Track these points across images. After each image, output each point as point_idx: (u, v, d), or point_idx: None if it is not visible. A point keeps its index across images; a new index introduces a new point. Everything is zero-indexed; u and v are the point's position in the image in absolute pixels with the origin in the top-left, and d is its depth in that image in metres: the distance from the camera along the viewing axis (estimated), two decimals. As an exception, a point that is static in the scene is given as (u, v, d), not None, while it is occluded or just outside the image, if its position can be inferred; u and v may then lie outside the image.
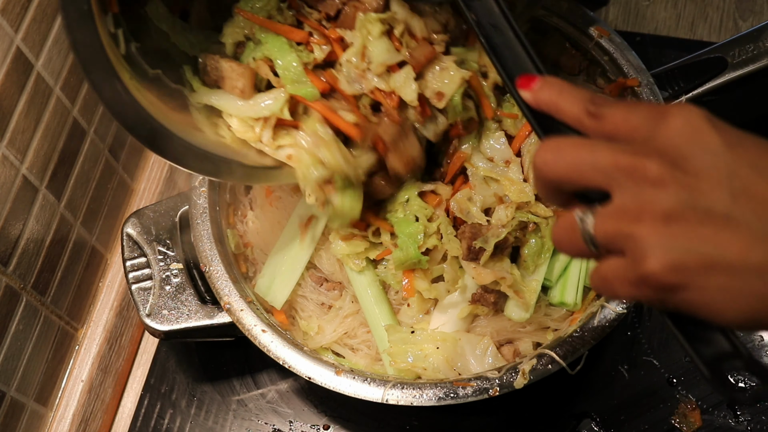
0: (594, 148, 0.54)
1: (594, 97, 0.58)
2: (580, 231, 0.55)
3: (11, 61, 0.81)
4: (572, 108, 0.58)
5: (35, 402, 0.93)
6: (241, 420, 1.01)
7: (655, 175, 0.51)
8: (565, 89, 0.60)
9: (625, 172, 0.52)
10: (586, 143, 0.55)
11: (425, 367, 0.85)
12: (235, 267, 0.93)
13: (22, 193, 0.86)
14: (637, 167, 0.52)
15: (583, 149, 0.54)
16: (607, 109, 0.56)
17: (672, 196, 0.51)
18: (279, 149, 0.84)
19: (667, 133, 0.53)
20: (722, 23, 1.26)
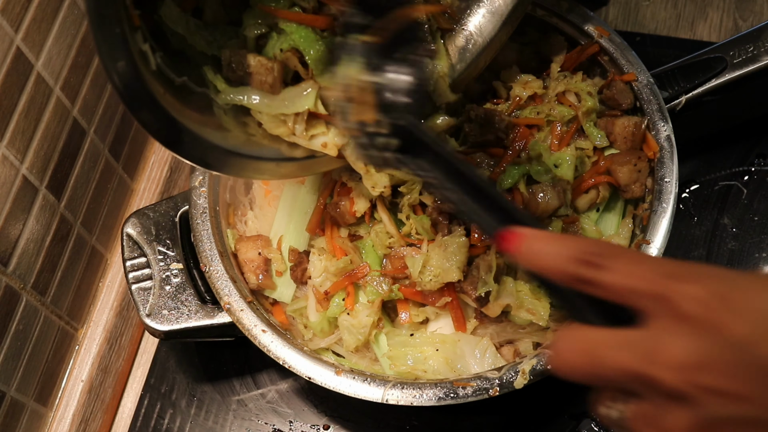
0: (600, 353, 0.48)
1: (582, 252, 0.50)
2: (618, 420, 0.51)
3: (11, 61, 0.81)
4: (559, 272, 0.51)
5: (35, 402, 0.93)
6: (241, 420, 1.01)
7: (674, 392, 0.46)
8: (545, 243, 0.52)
9: (642, 383, 0.47)
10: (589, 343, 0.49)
11: (425, 369, 0.85)
12: (235, 267, 0.93)
13: (22, 193, 0.86)
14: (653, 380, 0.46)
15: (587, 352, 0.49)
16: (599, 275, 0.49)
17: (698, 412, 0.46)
18: (313, 139, 0.83)
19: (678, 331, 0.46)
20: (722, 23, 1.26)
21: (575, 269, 0.50)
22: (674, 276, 0.47)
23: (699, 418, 0.46)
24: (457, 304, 0.88)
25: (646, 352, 0.47)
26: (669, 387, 0.46)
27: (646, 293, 0.48)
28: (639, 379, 0.47)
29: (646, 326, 0.48)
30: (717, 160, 1.11)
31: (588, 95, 0.94)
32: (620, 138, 0.93)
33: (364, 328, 0.87)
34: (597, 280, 0.49)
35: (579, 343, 0.50)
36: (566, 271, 0.50)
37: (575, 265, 0.50)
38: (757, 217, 1.07)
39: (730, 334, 0.45)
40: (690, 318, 0.46)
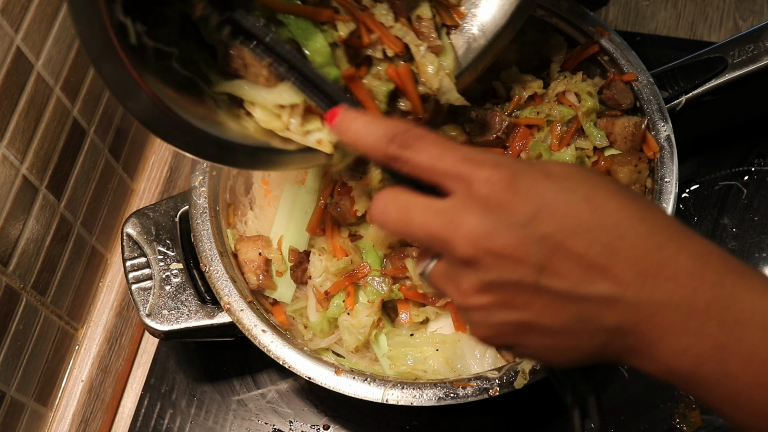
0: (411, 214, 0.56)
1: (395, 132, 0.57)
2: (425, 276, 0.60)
3: (11, 61, 0.81)
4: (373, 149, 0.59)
5: (35, 402, 0.93)
6: (241, 420, 1.01)
7: (462, 255, 0.54)
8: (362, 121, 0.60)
9: (440, 245, 0.56)
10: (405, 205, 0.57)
11: (425, 369, 0.85)
12: (235, 267, 0.93)
13: (22, 193, 0.86)
14: (448, 243, 0.55)
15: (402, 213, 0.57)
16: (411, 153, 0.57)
17: (481, 274, 0.54)
18: (308, 134, 0.82)
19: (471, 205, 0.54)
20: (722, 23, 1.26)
21: (386, 147, 0.57)
22: (473, 161, 0.55)
23: (483, 280, 0.54)
24: (457, 304, 0.88)
25: (446, 221, 0.55)
26: (461, 251, 0.54)
27: (448, 173, 0.55)
28: (440, 243, 0.55)
29: (448, 200, 0.56)
30: (717, 160, 1.11)
31: (588, 95, 0.94)
32: (620, 138, 0.93)
33: (364, 328, 0.87)
34: (405, 157, 0.57)
35: (396, 202, 0.57)
36: (379, 148, 0.58)
37: (387, 144, 0.57)
38: (757, 217, 1.07)
39: (513, 212, 0.53)
40: (482, 197, 0.54)
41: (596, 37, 0.98)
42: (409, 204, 0.57)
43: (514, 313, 0.55)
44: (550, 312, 0.54)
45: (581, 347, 0.55)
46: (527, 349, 0.57)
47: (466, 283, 0.55)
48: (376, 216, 0.59)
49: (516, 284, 0.54)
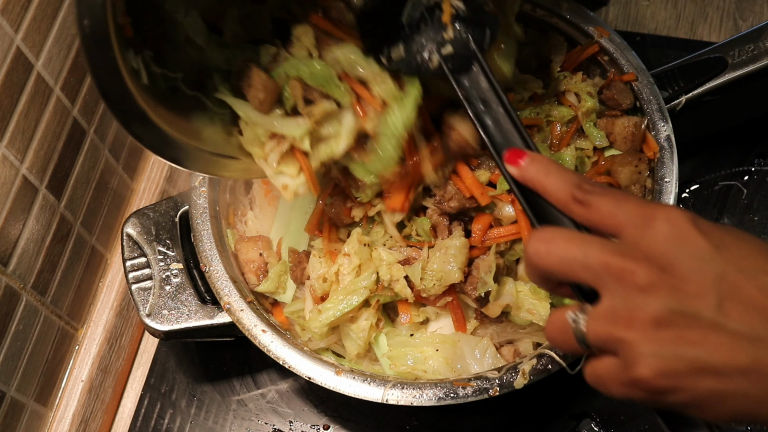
0: (584, 246, 0.57)
1: (581, 181, 0.60)
2: (573, 331, 0.58)
3: (11, 61, 0.81)
4: (559, 191, 0.61)
5: (35, 402, 0.93)
6: (241, 420, 1.01)
7: (643, 282, 0.54)
8: (553, 169, 0.62)
9: (615, 275, 0.55)
10: (576, 239, 0.58)
11: (425, 369, 0.85)
12: (235, 267, 0.93)
13: (22, 193, 0.86)
14: (626, 272, 0.54)
15: (573, 246, 0.57)
16: (594, 198, 0.59)
17: (660, 303, 0.53)
18: (279, 175, 0.84)
19: (654, 237, 0.55)
20: (722, 23, 1.26)
21: (574, 191, 0.60)
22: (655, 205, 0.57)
23: (662, 309, 0.53)
24: (457, 304, 0.88)
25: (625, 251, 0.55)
26: (642, 278, 0.54)
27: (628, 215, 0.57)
28: (614, 271, 0.55)
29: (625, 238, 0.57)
30: (717, 160, 1.11)
31: (588, 95, 0.94)
32: (620, 138, 0.93)
33: (363, 332, 0.87)
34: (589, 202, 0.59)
35: (568, 236, 0.58)
36: (566, 191, 0.60)
37: (574, 189, 0.60)
38: (757, 217, 1.07)
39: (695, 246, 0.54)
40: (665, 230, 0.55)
41: (596, 37, 0.98)
42: (582, 237, 0.58)
43: (689, 349, 0.53)
44: (724, 351, 0.52)
45: (749, 394, 0.53)
46: (691, 393, 0.54)
47: (642, 313, 0.54)
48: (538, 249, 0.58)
49: (693, 317, 0.53)
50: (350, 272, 0.88)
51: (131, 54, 0.71)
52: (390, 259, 0.88)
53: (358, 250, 0.88)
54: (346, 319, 0.88)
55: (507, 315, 0.88)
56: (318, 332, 0.88)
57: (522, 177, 0.65)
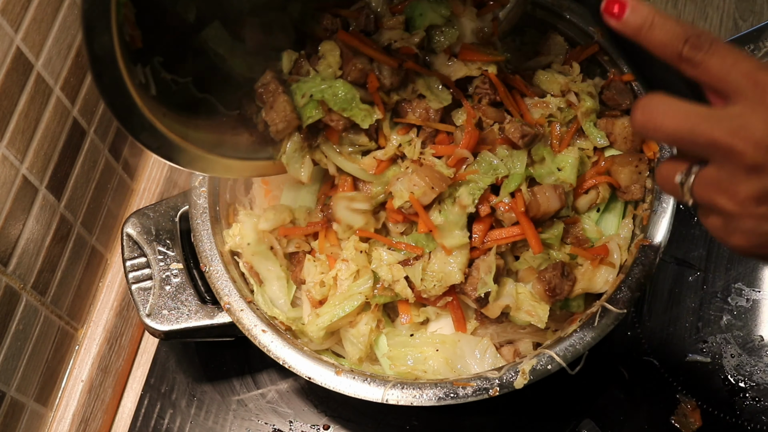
0: (691, 121, 0.55)
1: (689, 34, 0.56)
2: (679, 187, 0.59)
3: (11, 61, 0.81)
4: (665, 47, 0.57)
5: (35, 402, 0.93)
6: (241, 420, 1.01)
7: (749, 162, 0.53)
8: (658, 21, 0.58)
9: (722, 153, 0.54)
10: (683, 113, 0.56)
11: (425, 369, 0.85)
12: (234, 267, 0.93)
13: (22, 193, 0.86)
14: (734, 152, 0.54)
15: (680, 121, 0.56)
16: (704, 56, 0.56)
17: (763, 182, 0.54)
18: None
19: (765, 114, 0.53)
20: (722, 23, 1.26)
21: (681, 47, 0.56)
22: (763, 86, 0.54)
23: (762, 188, 0.54)
24: (457, 304, 0.88)
25: (734, 127, 0.54)
26: (748, 158, 0.53)
27: (741, 79, 0.54)
28: (722, 149, 0.54)
29: (735, 106, 0.55)
30: (717, 160, 1.11)
31: (588, 95, 0.94)
32: (620, 138, 0.93)
33: (363, 337, 0.87)
34: (699, 59, 0.56)
35: (673, 108, 0.56)
36: (673, 45, 0.57)
37: (681, 44, 0.56)
38: (757, 217, 1.07)
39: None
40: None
41: (596, 37, 0.98)
42: (687, 109, 0.56)
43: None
44: None
45: None
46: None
47: (745, 191, 0.54)
48: (644, 121, 0.57)
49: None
50: (348, 277, 0.88)
51: (139, 68, 0.72)
52: (390, 259, 0.88)
53: (355, 256, 0.88)
54: (345, 323, 0.88)
55: (507, 315, 0.88)
56: (315, 336, 0.88)
57: (624, 29, 0.59)
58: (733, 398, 0.97)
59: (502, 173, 0.87)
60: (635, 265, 0.86)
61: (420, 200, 0.85)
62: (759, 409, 0.96)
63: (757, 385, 0.97)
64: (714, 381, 0.98)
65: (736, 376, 0.98)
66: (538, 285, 0.86)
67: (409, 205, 0.86)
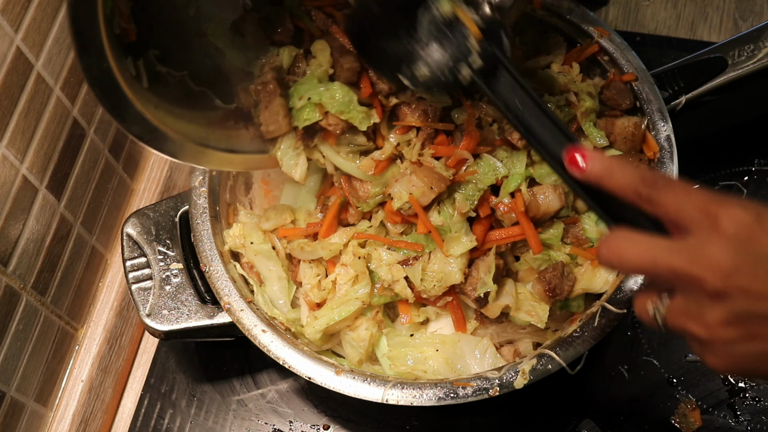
0: (652, 253, 0.59)
1: (644, 176, 0.61)
2: (654, 319, 0.62)
3: (11, 61, 0.81)
4: (624, 189, 0.62)
5: (35, 402, 0.93)
6: (241, 420, 1.01)
7: (711, 289, 0.56)
8: (615, 166, 0.63)
9: (684, 281, 0.58)
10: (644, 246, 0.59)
11: (425, 369, 0.85)
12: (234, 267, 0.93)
13: (22, 193, 0.86)
14: (694, 279, 0.57)
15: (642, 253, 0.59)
16: (658, 194, 0.60)
17: (729, 308, 0.56)
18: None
19: (720, 241, 0.56)
20: (722, 23, 1.26)
21: (639, 187, 0.61)
22: (719, 201, 0.58)
23: (731, 312, 0.56)
24: (457, 304, 0.88)
25: (694, 256, 0.57)
26: (710, 285, 0.56)
27: (695, 211, 0.58)
28: (685, 279, 0.57)
29: (692, 238, 0.58)
30: (717, 160, 1.11)
31: (587, 95, 0.94)
32: (620, 138, 0.93)
33: (363, 341, 0.87)
34: (656, 198, 0.60)
35: (635, 242, 0.60)
36: (632, 187, 0.61)
37: (639, 184, 0.61)
38: (757, 217, 1.07)
39: (761, 247, 0.55)
40: (730, 232, 0.56)
41: (596, 37, 0.98)
42: (648, 243, 0.59)
43: (759, 344, 0.57)
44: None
45: None
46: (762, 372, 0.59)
47: (712, 317, 0.57)
48: (609, 256, 0.61)
49: (761, 316, 0.56)
50: (347, 282, 0.89)
51: (129, 61, 0.72)
52: (390, 259, 0.88)
53: (354, 262, 0.88)
54: (343, 327, 0.89)
55: (507, 315, 0.88)
56: (312, 338, 0.88)
57: (586, 178, 0.65)
58: (733, 398, 0.97)
59: (501, 173, 0.87)
60: (635, 265, 0.86)
61: (419, 201, 0.85)
62: (759, 409, 0.96)
63: (757, 385, 0.97)
64: (714, 381, 0.98)
65: (736, 376, 0.98)
66: (538, 285, 0.86)
67: (408, 207, 0.86)
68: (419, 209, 0.85)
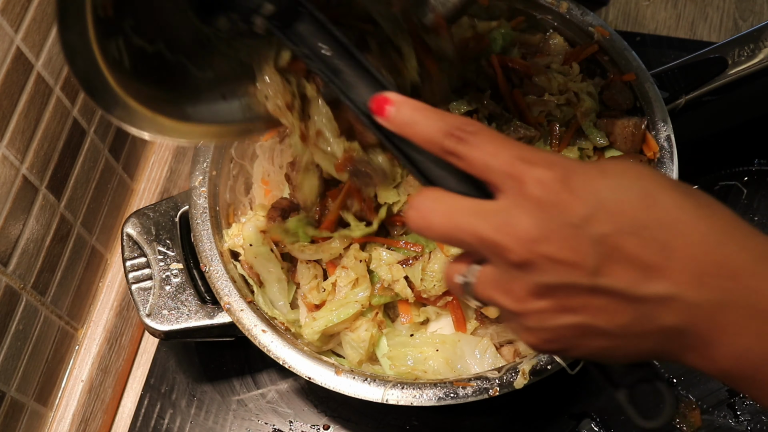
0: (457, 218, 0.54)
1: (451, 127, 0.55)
2: (461, 288, 0.57)
3: (11, 61, 0.81)
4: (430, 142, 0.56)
5: (35, 402, 0.93)
6: (241, 420, 1.01)
7: (517, 259, 0.52)
8: (420, 116, 0.57)
9: (490, 249, 0.53)
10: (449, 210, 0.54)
11: (425, 369, 0.85)
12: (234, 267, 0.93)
13: (22, 193, 0.86)
14: (500, 248, 0.52)
15: (447, 218, 0.54)
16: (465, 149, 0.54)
17: (536, 278, 0.52)
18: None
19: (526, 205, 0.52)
20: (722, 23, 1.26)
21: (444, 140, 0.55)
22: (526, 160, 0.53)
23: (538, 283, 0.52)
24: (457, 304, 0.88)
25: (498, 223, 0.52)
26: (514, 255, 0.52)
27: (501, 171, 0.53)
28: (490, 247, 0.53)
29: (499, 200, 0.53)
30: (717, 160, 1.11)
31: (587, 95, 0.94)
32: (620, 138, 0.93)
33: (364, 342, 0.87)
34: (461, 152, 0.54)
35: (441, 205, 0.55)
36: (436, 140, 0.55)
37: (444, 137, 0.55)
38: (757, 217, 1.07)
39: (568, 213, 0.51)
40: (536, 197, 0.52)
41: (596, 37, 0.98)
42: (454, 206, 0.54)
43: (571, 317, 0.53)
44: (606, 314, 0.52)
45: (638, 347, 0.54)
46: (582, 351, 0.55)
47: (519, 288, 0.53)
48: (416, 220, 0.56)
49: (572, 287, 0.52)
50: (347, 284, 0.88)
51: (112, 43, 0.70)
52: (390, 259, 0.88)
53: (354, 265, 0.88)
54: (342, 328, 0.89)
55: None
56: (310, 339, 0.88)
57: (390, 126, 0.58)
58: (733, 398, 0.97)
59: None
60: (635, 265, 0.86)
61: None
62: (759, 409, 0.96)
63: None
64: (714, 381, 0.98)
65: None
66: None
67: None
68: None
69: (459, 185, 0.57)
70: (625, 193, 0.52)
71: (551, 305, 0.53)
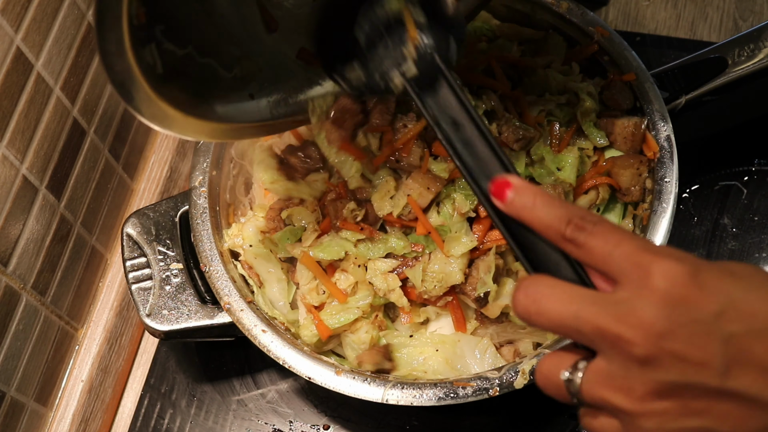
0: (575, 307, 0.51)
1: (572, 215, 0.53)
2: (565, 389, 0.54)
3: (11, 61, 0.81)
4: (549, 229, 0.54)
5: (35, 402, 0.93)
6: (241, 420, 1.01)
7: (641, 354, 0.49)
8: (540, 202, 0.55)
9: (610, 342, 0.50)
10: (566, 298, 0.52)
11: (425, 369, 0.85)
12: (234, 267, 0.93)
13: (22, 193, 0.86)
14: (622, 341, 0.49)
15: (563, 306, 0.51)
16: (586, 238, 0.52)
17: (660, 376, 0.49)
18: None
19: (651, 298, 0.49)
20: (722, 23, 1.26)
21: (564, 227, 0.53)
22: (652, 251, 0.50)
23: (662, 381, 0.49)
24: (457, 304, 0.88)
25: (621, 314, 0.49)
26: (639, 348, 0.49)
27: (625, 261, 0.51)
28: (610, 339, 0.49)
29: (620, 291, 0.51)
30: (717, 160, 1.11)
31: (587, 95, 0.94)
32: (620, 138, 0.93)
33: (364, 344, 0.87)
34: (581, 241, 0.52)
35: (556, 291, 0.52)
36: (555, 226, 0.53)
37: (565, 224, 0.53)
38: (757, 217, 1.07)
39: (697, 309, 0.48)
40: (662, 290, 0.49)
41: (596, 37, 0.98)
42: (571, 294, 0.51)
43: (695, 420, 0.49)
44: (733, 419, 0.49)
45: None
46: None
47: (640, 386, 0.49)
48: (526, 305, 0.53)
49: (698, 387, 0.49)
50: (346, 288, 0.89)
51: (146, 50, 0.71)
52: (384, 267, 0.88)
53: (353, 270, 0.88)
54: (342, 331, 0.89)
55: (507, 315, 0.88)
56: (308, 341, 0.88)
57: (507, 210, 0.57)
58: None
59: None
60: (635, 265, 0.86)
61: (417, 202, 0.86)
62: (759, 409, 0.96)
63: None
64: (714, 381, 0.98)
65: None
66: None
67: (408, 211, 0.86)
68: (418, 210, 0.86)
69: (572, 274, 0.55)
70: (757, 294, 0.50)
71: (674, 406, 0.49)
